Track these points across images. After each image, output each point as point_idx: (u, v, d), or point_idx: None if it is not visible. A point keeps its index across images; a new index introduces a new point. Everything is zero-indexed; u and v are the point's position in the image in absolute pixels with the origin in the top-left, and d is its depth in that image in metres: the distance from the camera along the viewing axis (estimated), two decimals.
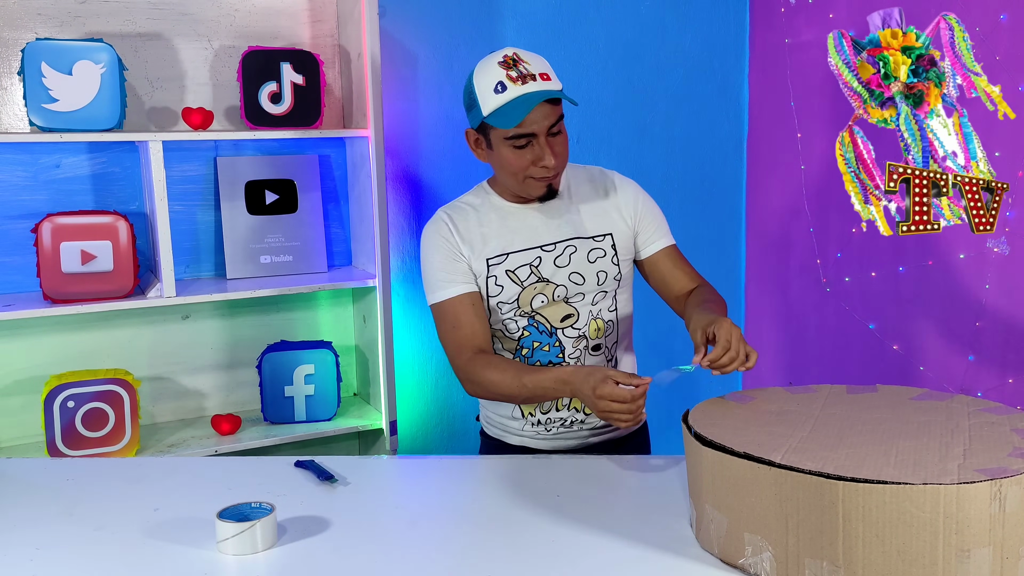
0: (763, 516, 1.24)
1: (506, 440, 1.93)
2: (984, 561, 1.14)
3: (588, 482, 1.65)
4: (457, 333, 1.79)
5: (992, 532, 1.14)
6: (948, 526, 1.13)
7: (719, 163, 3.24)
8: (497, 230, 1.83)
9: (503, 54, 1.72)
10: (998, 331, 2.50)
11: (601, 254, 1.84)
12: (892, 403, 1.50)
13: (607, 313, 1.86)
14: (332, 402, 2.54)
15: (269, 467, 1.78)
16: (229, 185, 2.55)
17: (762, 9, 3.11)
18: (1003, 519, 1.14)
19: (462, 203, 1.88)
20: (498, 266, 1.81)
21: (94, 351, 2.46)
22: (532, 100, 1.67)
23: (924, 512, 1.13)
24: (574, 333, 1.84)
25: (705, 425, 1.39)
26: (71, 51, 2.19)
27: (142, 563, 1.38)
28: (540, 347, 1.84)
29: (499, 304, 1.82)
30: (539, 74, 1.70)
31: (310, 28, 2.61)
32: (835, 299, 2.94)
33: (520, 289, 1.80)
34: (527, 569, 1.33)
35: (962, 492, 1.12)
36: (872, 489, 1.14)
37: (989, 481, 1.13)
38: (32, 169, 2.37)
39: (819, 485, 1.18)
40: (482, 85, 1.72)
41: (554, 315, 1.82)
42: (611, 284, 1.85)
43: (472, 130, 1.80)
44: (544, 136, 1.71)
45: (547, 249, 1.82)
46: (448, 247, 1.81)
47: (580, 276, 1.82)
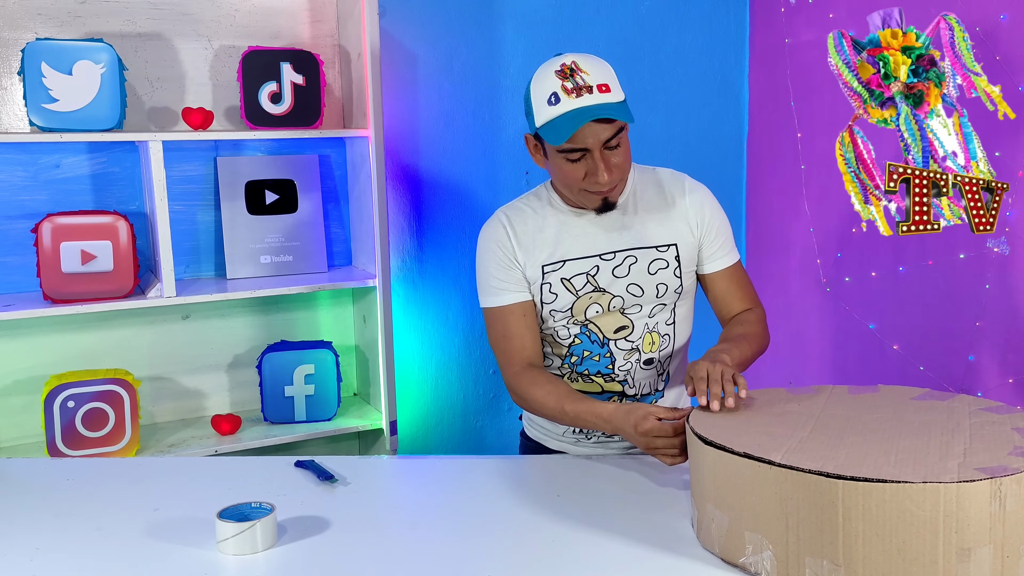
0: (764, 515, 1.24)
1: (546, 444, 1.90)
2: (984, 560, 1.14)
3: (588, 482, 1.65)
4: (507, 344, 1.77)
5: (992, 531, 1.14)
6: (948, 525, 1.13)
7: (719, 163, 3.24)
8: (555, 235, 1.76)
9: (561, 62, 1.65)
10: (998, 331, 2.50)
11: (663, 265, 1.76)
12: (893, 403, 1.50)
13: (664, 327, 1.80)
14: (332, 402, 2.54)
15: (269, 467, 1.78)
16: (229, 185, 2.55)
17: (762, 9, 3.11)
18: (1003, 517, 1.14)
19: (522, 204, 1.81)
20: (553, 273, 1.75)
21: (94, 351, 2.46)
22: (583, 117, 1.59)
23: (924, 511, 1.13)
24: (627, 345, 1.78)
25: (706, 426, 1.39)
26: (71, 51, 2.19)
27: (142, 563, 1.38)
28: (590, 356, 1.79)
29: (552, 312, 1.77)
30: (598, 85, 1.62)
31: (310, 28, 2.61)
32: (835, 299, 2.94)
33: (575, 298, 1.75)
34: (527, 569, 1.33)
35: (962, 491, 1.12)
36: (872, 488, 1.14)
37: (989, 480, 1.13)
38: (32, 169, 2.37)
39: (819, 484, 1.18)
40: (537, 94, 1.65)
41: (608, 326, 1.77)
42: (671, 297, 1.78)
43: (530, 135, 1.73)
44: (599, 151, 1.63)
45: (606, 258, 1.75)
46: (503, 253, 1.76)
47: (639, 288, 1.75)
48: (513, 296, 1.76)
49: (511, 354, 1.76)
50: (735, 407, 1.48)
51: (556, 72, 1.63)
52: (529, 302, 1.77)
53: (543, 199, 1.80)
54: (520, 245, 1.76)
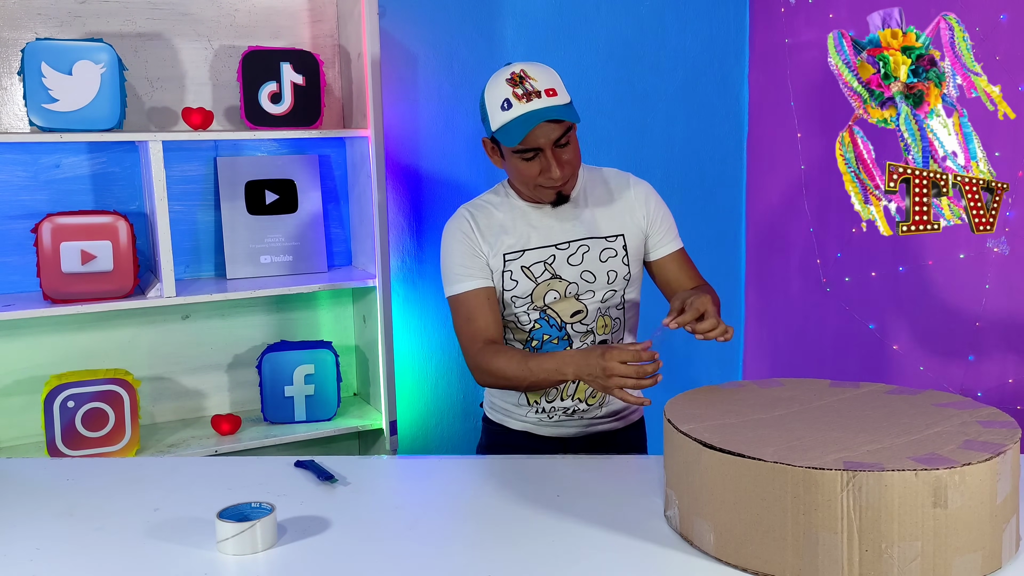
0: (678, 474, 1.40)
1: (508, 425, 1.99)
2: (834, 546, 1.20)
3: (588, 482, 1.65)
4: (471, 325, 1.87)
5: (847, 520, 1.19)
6: (796, 506, 1.21)
7: (719, 163, 3.24)
8: (515, 228, 1.90)
9: (511, 71, 1.79)
10: (998, 331, 2.50)
11: (613, 254, 1.90)
12: (867, 395, 1.54)
13: (615, 311, 1.94)
14: (332, 402, 2.54)
15: (269, 467, 1.78)
16: (229, 185, 2.55)
17: (762, 9, 3.11)
18: (859, 510, 1.19)
19: (483, 201, 1.95)
20: (514, 262, 1.88)
21: (94, 351, 2.46)
22: (533, 119, 1.74)
23: (774, 489, 1.22)
24: (582, 328, 1.91)
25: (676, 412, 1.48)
26: (71, 51, 2.19)
27: (142, 563, 1.38)
28: (549, 340, 1.91)
29: (513, 298, 1.89)
30: (545, 90, 1.76)
31: (310, 28, 2.62)
32: (835, 299, 2.94)
33: (534, 285, 1.88)
34: (527, 569, 1.33)
35: (809, 476, 1.20)
36: (733, 461, 1.27)
37: (842, 471, 1.18)
38: (32, 169, 2.37)
39: (698, 452, 1.32)
40: (491, 101, 1.80)
41: (564, 310, 1.90)
42: (620, 283, 1.92)
43: (487, 139, 1.88)
44: (550, 149, 1.78)
45: (561, 248, 1.89)
46: (468, 243, 1.89)
47: (591, 274, 1.89)
48: (477, 282, 1.88)
49: (474, 335, 1.86)
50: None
51: (507, 80, 1.78)
52: (492, 288, 1.89)
53: (501, 195, 1.95)
54: (484, 237, 1.89)
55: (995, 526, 1.24)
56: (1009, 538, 1.28)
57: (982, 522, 1.22)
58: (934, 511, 1.19)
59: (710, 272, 3.28)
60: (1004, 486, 1.24)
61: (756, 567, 1.26)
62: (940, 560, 1.20)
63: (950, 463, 1.20)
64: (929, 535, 1.19)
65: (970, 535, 1.21)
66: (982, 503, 1.21)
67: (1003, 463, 1.23)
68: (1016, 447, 1.28)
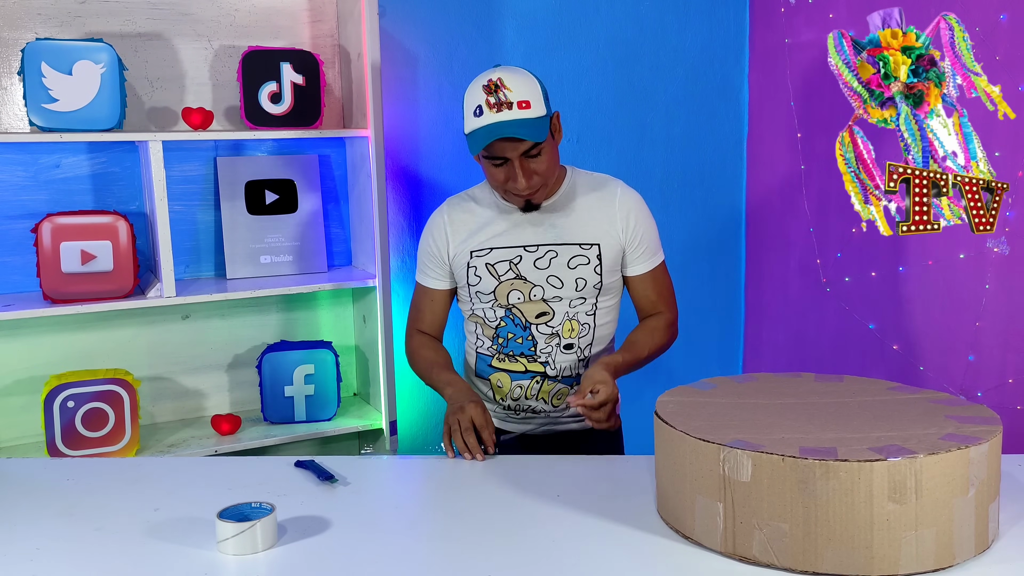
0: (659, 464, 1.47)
1: None
2: (711, 512, 1.33)
3: (588, 482, 1.65)
4: (416, 314, 2.04)
5: (724, 492, 1.31)
6: (690, 472, 1.37)
7: (719, 163, 3.24)
8: (488, 224, 1.93)
9: (489, 77, 1.80)
10: (998, 331, 2.50)
11: (584, 262, 1.90)
12: (857, 390, 1.56)
13: (584, 316, 1.93)
14: (332, 402, 2.54)
15: (269, 467, 1.78)
16: (229, 185, 2.55)
17: (762, 9, 3.11)
18: (733, 484, 1.30)
19: (468, 194, 2.00)
20: (479, 258, 1.92)
21: (94, 351, 2.46)
22: (494, 133, 1.76)
23: (683, 457, 1.38)
24: (548, 330, 1.92)
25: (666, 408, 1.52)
26: (71, 51, 2.19)
27: (142, 563, 1.38)
28: (514, 339, 1.94)
29: (478, 293, 1.93)
30: (518, 102, 1.76)
31: (310, 28, 2.62)
32: (835, 299, 2.94)
33: (497, 282, 1.91)
34: (527, 569, 1.33)
35: (697, 447, 1.34)
36: (665, 430, 1.42)
37: (718, 445, 1.31)
38: (32, 169, 2.37)
39: (665, 431, 1.43)
40: (467, 104, 1.83)
41: (530, 311, 1.91)
42: (591, 292, 1.92)
43: None
44: (518, 159, 1.79)
45: (529, 250, 1.91)
46: (436, 247, 1.97)
47: (559, 280, 1.90)
48: (432, 282, 2.00)
49: (414, 320, 2.05)
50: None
51: (483, 87, 1.79)
52: (444, 291, 2.01)
53: (487, 191, 1.98)
54: (454, 233, 1.95)
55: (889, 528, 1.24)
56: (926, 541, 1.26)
57: (858, 520, 1.24)
58: (803, 497, 1.25)
59: (710, 272, 3.29)
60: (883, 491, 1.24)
61: (678, 527, 1.41)
62: (810, 545, 1.25)
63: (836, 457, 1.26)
64: (799, 520, 1.25)
65: (843, 529, 1.25)
66: (856, 505, 1.24)
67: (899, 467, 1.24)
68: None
